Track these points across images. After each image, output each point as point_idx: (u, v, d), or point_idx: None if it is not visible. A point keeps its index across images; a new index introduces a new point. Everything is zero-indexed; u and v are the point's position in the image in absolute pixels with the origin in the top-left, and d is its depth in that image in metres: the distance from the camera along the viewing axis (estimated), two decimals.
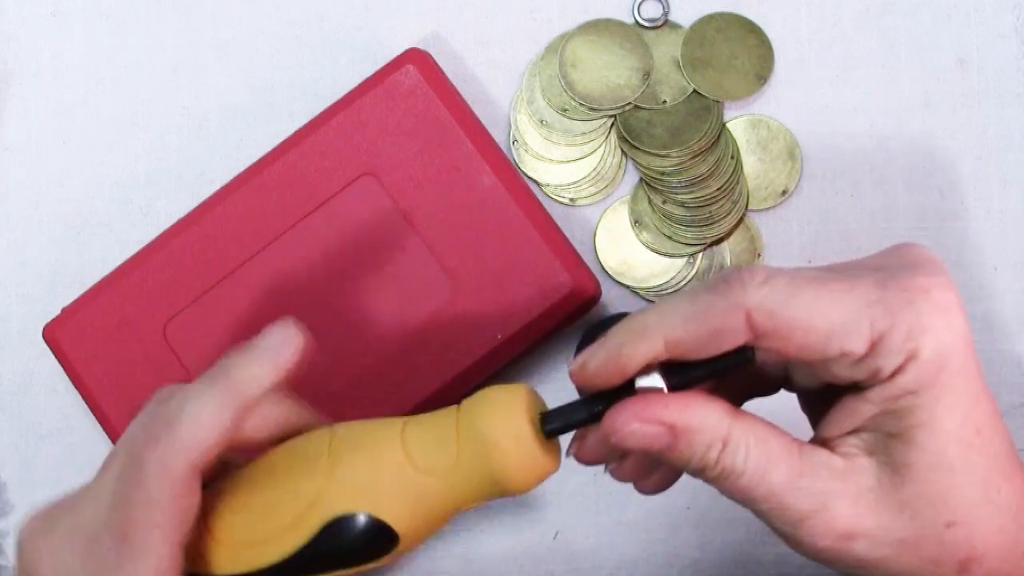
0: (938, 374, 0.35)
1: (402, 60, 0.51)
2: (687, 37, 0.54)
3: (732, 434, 0.36)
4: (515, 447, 0.38)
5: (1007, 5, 0.54)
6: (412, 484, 0.38)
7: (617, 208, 0.54)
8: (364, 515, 0.38)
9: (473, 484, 0.38)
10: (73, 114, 0.56)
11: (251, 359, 0.39)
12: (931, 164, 0.54)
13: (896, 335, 0.34)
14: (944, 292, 0.35)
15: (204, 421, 0.38)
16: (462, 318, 0.49)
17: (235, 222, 0.51)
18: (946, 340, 0.35)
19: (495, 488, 0.38)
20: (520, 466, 0.38)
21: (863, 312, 0.34)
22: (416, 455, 0.38)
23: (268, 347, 0.40)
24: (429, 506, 0.39)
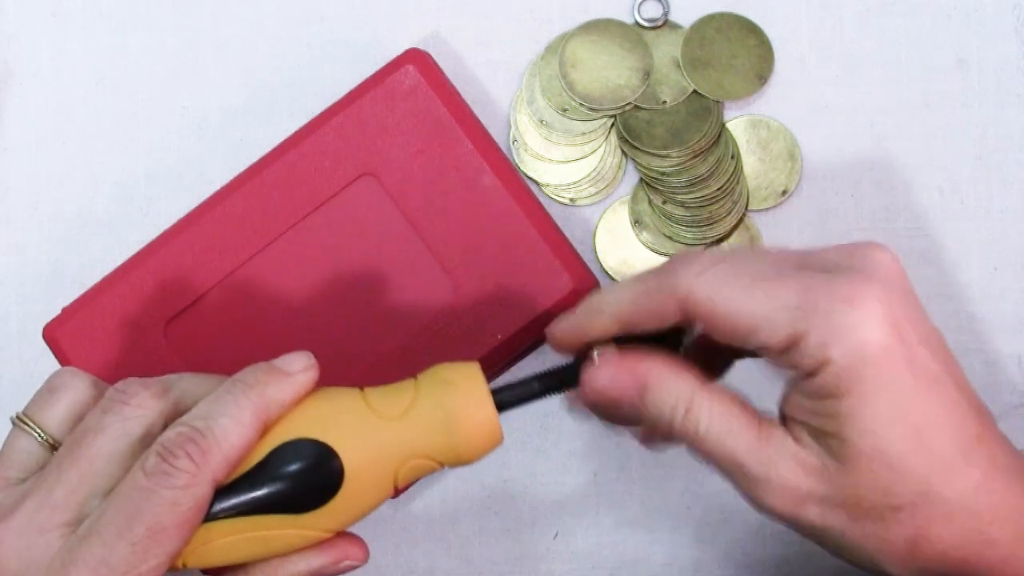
0: (856, 383, 0.37)
1: (402, 60, 0.51)
2: (687, 37, 0.54)
3: (695, 399, 0.39)
4: (471, 398, 0.40)
5: (1007, 5, 0.54)
6: (365, 420, 0.39)
7: (617, 208, 0.54)
8: (313, 440, 0.39)
9: (426, 431, 0.39)
10: (73, 114, 0.56)
11: (281, 382, 0.40)
12: (931, 164, 0.54)
13: (811, 340, 0.37)
14: (870, 303, 0.37)
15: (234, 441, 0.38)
16: (462, 318, 0.50)
17: (235, 222, 0.51)
18: (861, 351, 0.37)
19: (447, 443, 0.39)
20: (474, 416, 0.40)
21: (783, 314, 0.37)
22: (373, 400, 0.40)
23: (296, 374, 0.40)
24: (377, 443, 0.39)
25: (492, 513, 0.54)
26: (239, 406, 0.39)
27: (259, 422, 0.39)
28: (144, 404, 0.39)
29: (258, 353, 0.50)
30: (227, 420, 0.38)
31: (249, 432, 0.38)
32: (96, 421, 0.39)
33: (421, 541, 0.54)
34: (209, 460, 0.38)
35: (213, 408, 0.39)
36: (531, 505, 0.54)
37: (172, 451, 0.37)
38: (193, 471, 0.37)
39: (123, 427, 0.39)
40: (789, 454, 0.38)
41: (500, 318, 0.49)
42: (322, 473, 0.39)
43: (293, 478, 0.39)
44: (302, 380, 0.40)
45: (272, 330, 0.50)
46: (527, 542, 0.54)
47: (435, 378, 0.41)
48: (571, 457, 0.54)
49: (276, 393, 0.39)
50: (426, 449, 0.40)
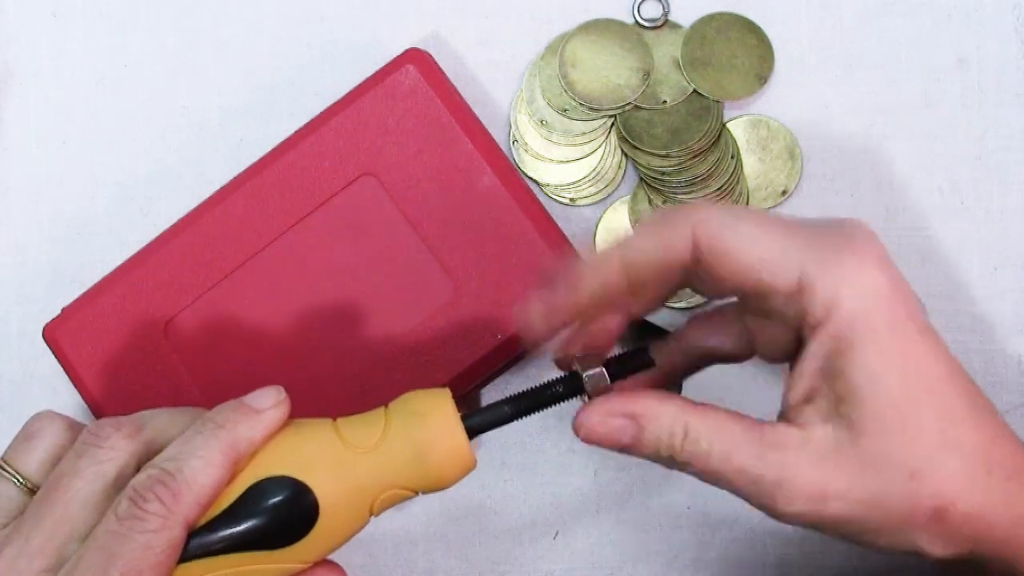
0: (867, 330, 0.37)
1: (402, 60, 0.51)
2: (687, 37, 0.54)
3: (691, 422, 0.39)
4: (442, 428, 0.40)
5: (1007, 5, 0.54)
6: (337, 455, 0.40)
7: (617, 208, 0.54)
8: (287, 477, 0.39)
9: (398, 463, 0.40)
10: (73, 114, 0.56)
11: (251, 420, 0.40)
12: (931, 164, 0.54)
13: (822, 281, 0.37)
14: (871, 253, 0.38)
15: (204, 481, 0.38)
16: (462, 318, 0.50)
17: (235, 222, 0.51)
18: (869, 296, 0.37)
19: (420, 473, 0.40)
20: (446, 444, 0.40)
21: (794, 253, 0.38)
22: (345, 433, 0.40)
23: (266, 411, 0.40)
24: (351, 478, 0.39)
25: (492, 513, 0.54)
26: (209, 447, 0.39)
27: (229, 462, 0.39)
28: (116, 446, 0.40)
29: (258, 353, 0.50)
30: (197, 461, 0.38)
31: (219, 472, 0.39)
32: (71, 465, 0.40)
33: (421, 541, 0.54)
34: (180, 502, 0.38)
35: (183, 449, 0.39)
36: (531, 505, 0.54)
37: (143, 495, 0.38)
38: (164, 514, 0.38)
39: (97, 470, 0.39)
40: (800, 447, 0.38)
41: (500, 318, 0.49)
42: (297, 510, 0.39)
43: (268, 516, 0.39)
44: (272, 417, 0.40)
45: (272, 330, 0.50)
46: (527, 542, 0.54)
47: (406, 409, 0.41)
48: (571, 457, 0.54)
49: (246, 431, 0.39)
50: (399, 480, 0.40)
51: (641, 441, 0.40)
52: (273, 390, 0.41)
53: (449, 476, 0.40)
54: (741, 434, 0.38)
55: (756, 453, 0.38)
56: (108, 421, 0.41)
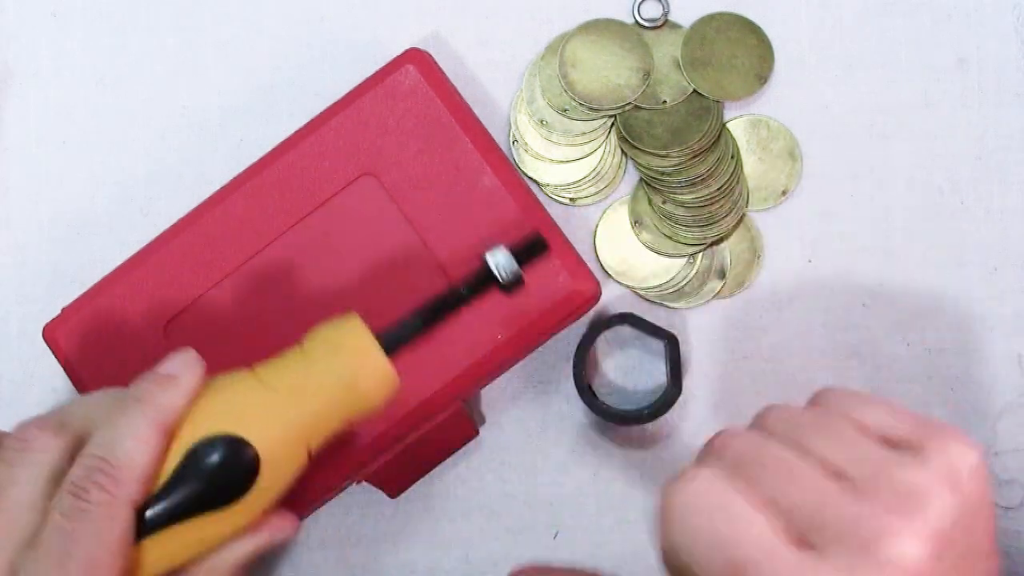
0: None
1: (402, 60, 0.51)
2: (687, 37, 0.54)
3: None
4: (361, 349, 0.41)
5: (1007, 5, 0.54)
6: (267, 402, 0.40)
7: (617, 208, 0.54)
8: (223, 435, 0.39)
9: (327, 398, 0.40)
10: (73, 114, 0.56)
11: (171, 388, 0.40)
12: (931, 164, 0.54)
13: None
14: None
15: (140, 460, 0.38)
16: (462, 318, 0.49)
17: (235, 222, 0.51)
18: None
19: (348, 400, 0.40)
20: (368, 367, 0.40)
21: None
22: (268, 379, 0.41)
23: (183, 375, 0.40)
24: (285, 422, 0.40)
25: (492, 513, 0.54)
26: (137, 424, 0.39)
27: (160, 434, 0.39)
28: (45, 446, 0.39)
29: (258, 353, 0.50)
30: (129, 441, 0.38)
31: (153, 447, 0.39)
32: (4, 474, 0.39)
33: (421, 541, 0.54)
34: (121, 486, 0.38)
35: (112, 433, 0.39)
36: (531, 505, 0.54)
37: (83, 486, 0.38)
38: (108, 501, 0.37)
39: (31, 473, 0.39)
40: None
41: (500, 318, 0.49)
42: (238, 465, 0.39)
43: (212, 477, 0.39)
44: (190, 380, 0.40)
45: (272, 330, 0.50)
46: (527, 542, 0.54)
47: (323, 343, 0.41)
48: (571, 457, 0.54)
49: (169, 400, 0.39)
50: (332, 415, 0.41)
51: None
52: (183, 353, 0.41)
53: (376, 397, 0.41)
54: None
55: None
56: (31, 422, 0.40)
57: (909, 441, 0.36)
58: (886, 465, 0.35)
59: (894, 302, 0.53)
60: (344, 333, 0.41)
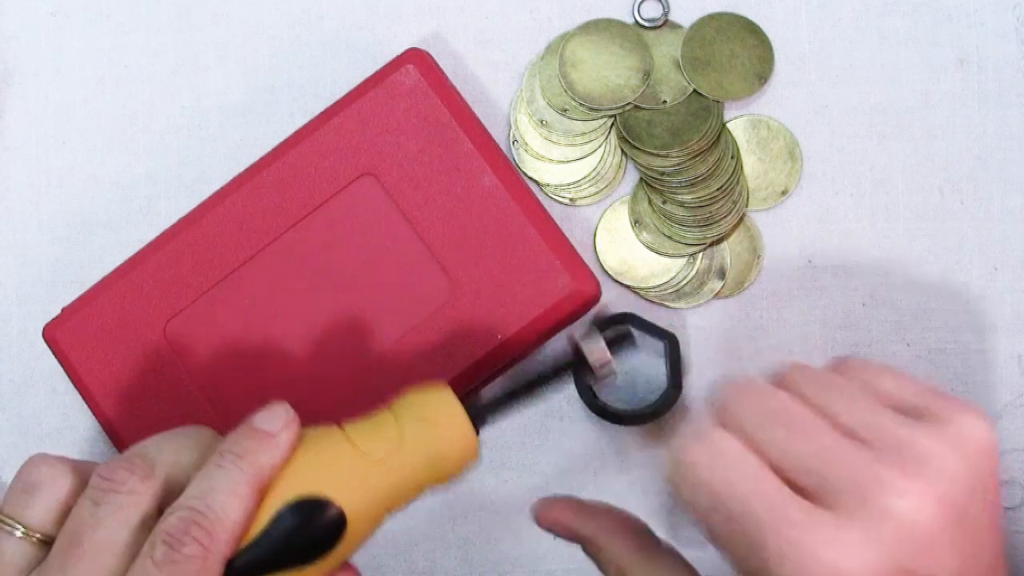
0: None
1: (402, 60, 0.51)
2: (687, 37, 0.54)
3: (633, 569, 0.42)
4: (453, 427, 0.41)
5: (1007, 5, 0.54)
6: (356, 466, 0.40)
7: (617, 208, 0.54)
8: (314, 497, 0.39)
9: (416, 471, 0.41)
10: (73, 114, 0.56)
11: (269, 446, 0.40)
12: (931, 164, 0.54)
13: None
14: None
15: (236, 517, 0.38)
16: (462, 318, 0.49)
17: (235, 222, 0.51)
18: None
19: (433, 470, 0.41)
20: (457, 444, 0.41)
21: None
22: (360, 442, 0.41)
23: (280, 433, 0.40)
24: (375, 489, 0.41)
25: (492, 513, 0.54)
26: (234, 480, 0.39)
27: (255, 492, 0.39)
28: (135, 489, 0.39)
29: (258, 353, 0.50)
30: (226, 497, 0.38)
31: (248, 504, 0.39)
32: (90, 515, 0.39)
33: (421, 541, 0.54)
34: (216, 541, 0.38)
35: (209, 486, 0.39)
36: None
37: (179, 538, 0.37)
38: (203, 555, 0.37)
39: (120, 518, 0.38)
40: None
41: (500, 318, 0.49)
42: (326, 527, 0.40)
43: (300, 537, 0.39)
44: (287, 438, 0.40)
45: (272, 330, 0.50)
46: (527, 542, 0.54)
47: (414, 414, 0.42)
48: (571, 457, 0.54)
49: (266, 459, 0.39)
50: (417, 483, 0.42)
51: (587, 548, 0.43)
52: (281, 409, 0.41)
53: (458, 470, 0.42)
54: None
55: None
56: (119, 463, 0.40)
57: (925, 411, 0.37)
58: (899, 429, 0.36)
59: (894, 302, 0.53)
60: (436, 405, 0.42)
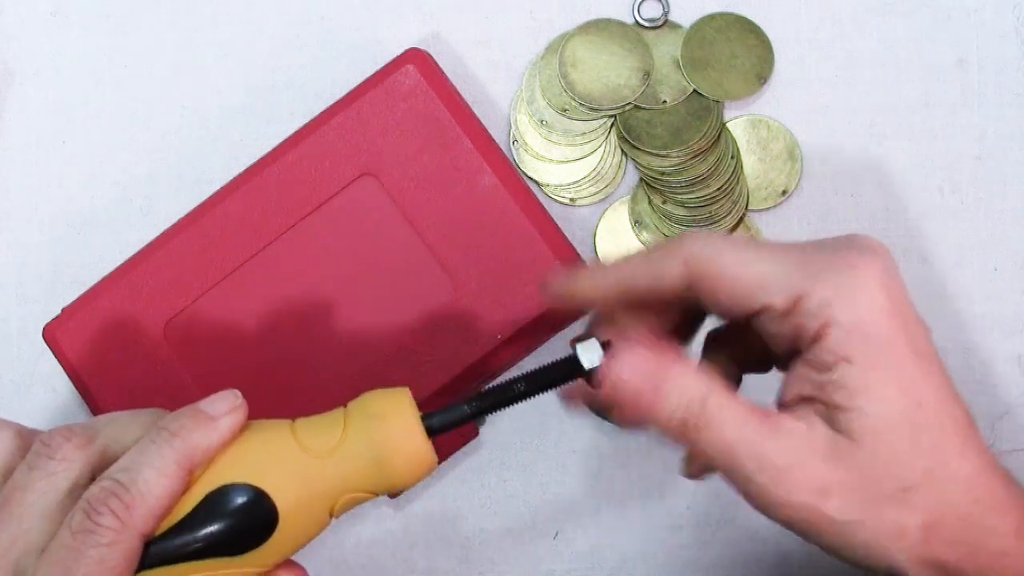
0: (863, 343, 0.37)
1: (402, 60, 0.51)
2: (687, 37, 0.54)
3: (710, 391, 0.38)
4: (401, 430, 0.39)
5: (1007, 5, 0.54)
6: (295, 460, 0.39)
7: (617, 208, 0.54)
8: (247, 485, 0.39)
9: (357, 467, 0.39)
10: (73, 114, 0.56)
11: (205, 428, 0.39)
12: (931, 164, 0.54)
13: (814, 297, 0.37)
14: (870, 271, 0.37)
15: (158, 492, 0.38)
16: (462, 318, 0.50)
17: (235, 222, 0.51)
18: (865, 311, 0.37)
19: (378, 474, 0.39)
20: (404, 446, 0.39)
21: (785, 271, 0.38)
22: (303, 437, 0.40)
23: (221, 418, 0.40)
24: (310, 484, 0.39)
25: (492, 513, 0.54)
26: (162, 456, 0.38)
27: (184, 471, 0.38)
28: (69, 456, 0.39)
29: (258, 353, 0.50)
30: (151, 471, 0.38)
31: (174, 482, 0.38)
32: (23, 478, 0.39)
33: (421, 541, 0.54)
34: (134, 514, 0.37)
35: (136, 459, 0.38)
36: (531, 505, 0.54)
37: (96, 508, 0.37)
38: (118, 527, 0.37)
39: (50, 482, 0.39)
40: (804, 439, 0.37)
41: (500, 318, 0.49)
42: (256, 517, 0.39)
43: (227, 524, 0.38)
44: (228, 423, 0.40)
45: (272, 330, 0.50)
46: (527, 542, 0.54)
47: (364, 411, 0.40)
48: (571, 457, 0.54)
49: (200, 439, 0.39)
50: (358, 484, 0.40)
51: (661, 402, 0.39)
52: (229, 395, 0.40)
53: (410, 478, 0.40)
54: (751, 414, 0.38)
55: (767, 433, 0.38)
56: (59, 430, 0.40)
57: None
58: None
59: None
60: (389, 406, 0.40)
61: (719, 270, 0.38)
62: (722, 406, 0.38)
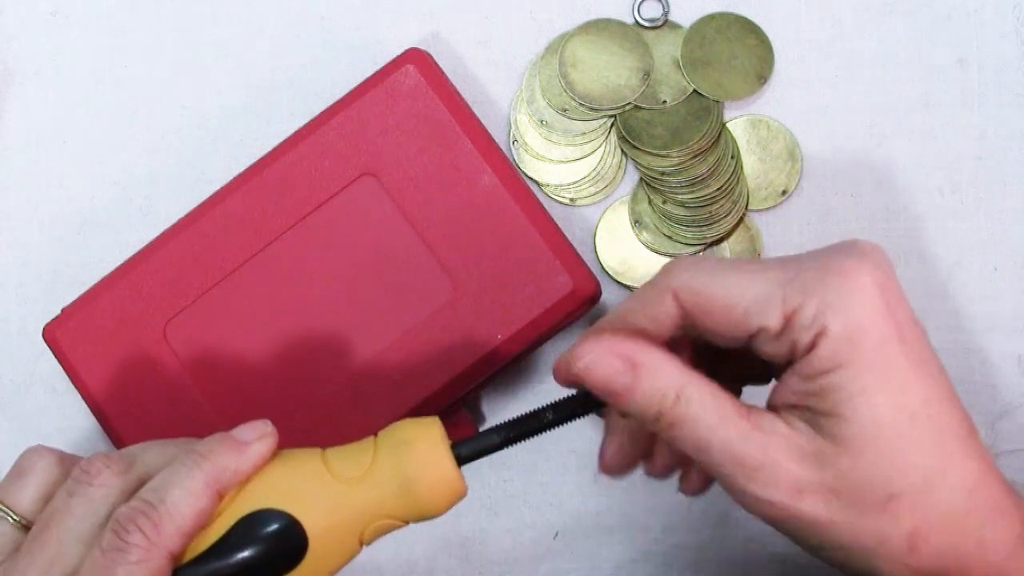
0: (854, 352, 0.36)
1: (402, 60, 0.51)
2: (687, 37, 0.54)
3: (686, 384, 0.38)
4: (431, 458, 0.39)
5: (1007, 5, 0.54)
6: (325, 487, 0.39)
7: (617, 208, 0.54)
8: (277, 511, 0.39)
9: (385, 493, 0.39)
10: (73, 114, 0.56)
11: (235, 452, 0.40)
12: (931, 164, 0.54)
13: (807, 311, 0.37)
14: (861, 275, 0.37)
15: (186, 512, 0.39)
16: (462, 318, 0.50)
17: (235, 222, 0.51)
18: (857, 319, 0.36)
19: (408, 501, 0.39)
20: (434, 473, 0.39)
21: (776, 290, 0.37)
22: (333, 464, 0.40)
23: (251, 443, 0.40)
24: (340, 510, 0.39)
25: (492, 513, 0.54)
26: (191, 476, 0.39)
27: (212, 491, 0.39)
28: (107, 482, 0.40)
29: (257, 353, 0.50)
30: (179, 491, 0.39)
31: (202, 502, 0.39)
32: (62, 503, 0.40)
33: (421, 541, 0.54)
34: (162, 533, 0.38)
35: (166, 479, 0.39)
36: (531, 505, 0.54)
37: (125, 526, 0.38)
38: (146, 545, 0.38)
39: (88, 508, 0.39)
40: (783, 439, 0.37)
41: (500, 318, 0.49)
42: (285, 543, 0.39)
43: (257, 549, 0.39)
44: (257, 448, 0.40)
45: (271, 330, 0.50)
46: (527, 542, 0.54)
47: (394, 438, 0.40)
48: (571, 457, 0.54)
49: (229, 462, 0.40)
50: (387, 511, 0.40)
51: (634, 391, 0.38)
52: (260, 423, 0.41)
53: (439, 505, 0.40)
54: (731, 409, 0.38)
55: (744, 430, 0.37)
56: (98, 457, 0.41)
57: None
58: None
59: None
60: (419, 435, 0.40)
61: (708, 300, 0.38)
62: (697, 401, 0.38)
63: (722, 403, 0.38)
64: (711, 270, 0.39)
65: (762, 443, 0.37)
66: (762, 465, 0.37)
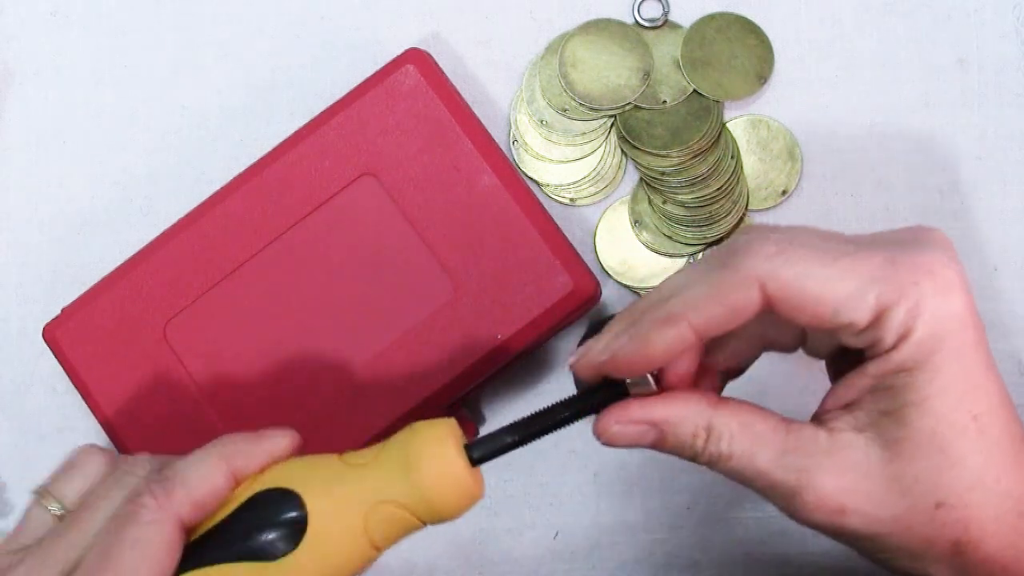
0: (932, 355, 0.36)
1: (402, 60, 0.51)
2: (687, 37, 0.54)
3: (714, 423, 0.38)
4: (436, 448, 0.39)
5: (1007, 5, 0.54)
6: (330, 469, 0.40)
7: (617, 208, 0.54)
8: (281, 488, 0.39)
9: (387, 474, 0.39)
10: (73, 114, 0.56)
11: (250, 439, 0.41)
12: (931, 164, 0.54)
13: (898, 311, 0.36)
14: (948, 272, 0.36)
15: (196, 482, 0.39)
16: (462, 318, 0.50)
17: (235, 222, 0.51)
18: (942, 322, 0.36)
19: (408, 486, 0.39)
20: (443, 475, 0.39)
21: (870, 287, 0.36)
22: (346, 457, 0.40)
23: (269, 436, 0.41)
24: (340, 488, 0.39)
25: (492, 513, 0.54)
26: (205, 452, 0.40)
27: (225, 472, 0.39)
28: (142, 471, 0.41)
29: (258, 353, 0.50)
30: (192, 466, 0.39)
31: (214, 478, 0.39)
32: (103, 489, 0.41)
33: (421, 541, 0.54)
34: (172, 498, 0.38)
35: (182, 459, 0.40)
36: (531, 505, 0.54)
37: (139, 493, 0.39)
38: (155, 507, 0.38)
39: (121, 494, 0.40)
40: (825, 453, 0.37)
41: (500, 318, 0.49)
42: (284, 513, 0.39)
43: (257, 520, 0.39)
44: (277, 442, 0.41)
45: (272, 330, 0.50)
46: (527, 542, 0.54)
47: (408, 434, 0.40)
48: (571, 457, 0.54)
49: (246, 448, 0.40)
50: (389, 493, 0.39)
51: (664, 444, 0.39)
52: (287, 429, 0.41)
53: (448, 496, 0.39)
54: (765, 434, 0.37)
55: (777, 456, 0.37)
56: (144, 457, 0.42)
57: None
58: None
59: None
60: (428, 427, 0.40)
61: (799, 294, 0.36)
62: (727, 436, 0.38)
63: (754, 430, 0.38)
64: (802, 259, 0.36)
65: (799, 466, 0.37)
66: (799, 489, 0.37)
